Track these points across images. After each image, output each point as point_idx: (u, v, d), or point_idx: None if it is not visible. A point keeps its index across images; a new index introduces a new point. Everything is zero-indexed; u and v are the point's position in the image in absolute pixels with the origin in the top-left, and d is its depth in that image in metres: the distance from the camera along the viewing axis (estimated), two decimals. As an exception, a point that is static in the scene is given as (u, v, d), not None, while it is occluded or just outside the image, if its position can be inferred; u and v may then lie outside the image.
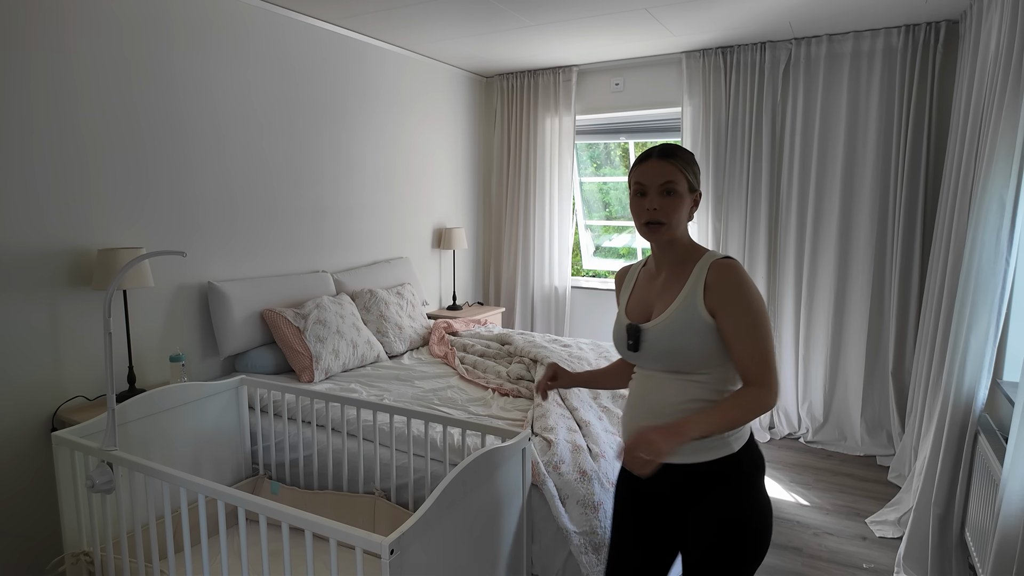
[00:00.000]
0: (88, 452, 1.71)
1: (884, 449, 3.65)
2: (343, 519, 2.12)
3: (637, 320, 1.44)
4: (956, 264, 2.71)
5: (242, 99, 3.06)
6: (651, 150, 1.40)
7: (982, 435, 2.23)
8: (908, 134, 3.47)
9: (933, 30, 3.40)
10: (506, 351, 3.29)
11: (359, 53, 3.72)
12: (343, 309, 3.19)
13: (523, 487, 1.86)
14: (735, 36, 3.73)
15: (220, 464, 2.24)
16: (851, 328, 3.76)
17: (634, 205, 1.40)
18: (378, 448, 2.21)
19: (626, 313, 1.49)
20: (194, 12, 2.81)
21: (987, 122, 2.44)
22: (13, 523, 2.32)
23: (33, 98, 2.29)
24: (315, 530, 1.33)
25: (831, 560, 2.60)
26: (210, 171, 2.94)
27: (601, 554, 1.86)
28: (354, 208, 3.78)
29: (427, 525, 1.37)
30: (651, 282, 1.47)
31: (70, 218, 2.42)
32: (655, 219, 1.36)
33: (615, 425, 2.39)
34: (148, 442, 1.99)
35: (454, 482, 1.46)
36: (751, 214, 3.98)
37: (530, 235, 4.80)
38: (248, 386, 2.37)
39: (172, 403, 2.06)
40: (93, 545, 1.79)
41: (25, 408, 2.33)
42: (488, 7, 3.18)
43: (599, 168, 5.14)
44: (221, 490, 1.46)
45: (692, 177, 1.39)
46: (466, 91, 4.75)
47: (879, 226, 3.63)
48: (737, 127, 3.98)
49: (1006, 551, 1.75)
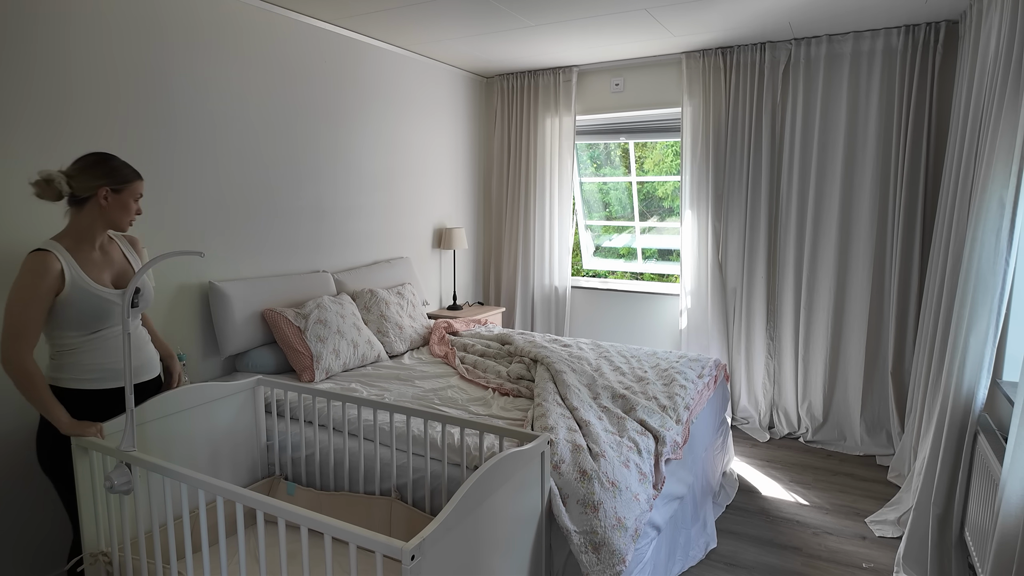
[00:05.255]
0: (107, 453, 1.71)
1: (884, 449, 3.65)
2: (359, 521, 2.12)
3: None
4: (956, 264, 2.71)
5: (242, 99, 3.06)
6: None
7: (982, 435, 2.23)
8: (908, 134, 3.48)
9: (933, 30, 3.40)
10: (506, 351, 3.30)
11: (359, 53, 3.72)
12: (344, 309, 3.19)
13: (542, 491, 1.86)
14: (735, 36, 3.73)
15: (237, 464, 2.24)
16: (851, 328, 3.77)
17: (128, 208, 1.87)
18: (395, 451, 2.21)
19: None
20: (193, 12, 2.81)
21: (987, 122, 2.44)
22: (13, 523, 2.33)
23: (32, 98, 2.29)
24: (335, 534, 1.33)
25: (831, 560, 2.60)
26: (210, 171, 2.94)
27: (601, 553, 1.87)
28: (354, 208, 3.78)
29: (447, 530, 1.37)
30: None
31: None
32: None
33: (615, 425, 2.39)
34: (165, 443, 1.99)
35: (474, 487, 1.46)
36: (751, 214, 3.98)
37: (530, 235, 4.80)
38: (264, 387, 2.37)
39: (189, 404, 2.06)
40: (111, 545, 1.79)
41: (26, 408, 2.33)
42: (488, 7, 3.18)
43: (599, 168, 5.14)
44: (241, 492, 1.47)
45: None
46: (466, 91, 4.75)
47: (879, 226, 3.64)
48: (737, 127, 3.98)
49: (1006, 551, 1.76)
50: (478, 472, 1.50)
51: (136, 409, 1.84)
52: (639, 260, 5.00)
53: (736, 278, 4.09)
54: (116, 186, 1.81)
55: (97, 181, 1.78)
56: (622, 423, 2.40)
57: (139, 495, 1.71)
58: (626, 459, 2.15)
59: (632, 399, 2.58)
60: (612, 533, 1.88)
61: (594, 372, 2.96)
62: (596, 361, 3.16)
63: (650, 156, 5.34)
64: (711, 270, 4.12)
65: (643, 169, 5.30)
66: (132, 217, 1.88)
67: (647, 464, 2.22)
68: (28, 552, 2.36)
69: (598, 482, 1.97)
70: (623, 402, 2.59)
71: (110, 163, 1.82)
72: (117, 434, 1.82)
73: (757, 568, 2.54)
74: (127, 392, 1.66)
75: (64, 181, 1.74)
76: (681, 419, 2.56)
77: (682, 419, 2.57)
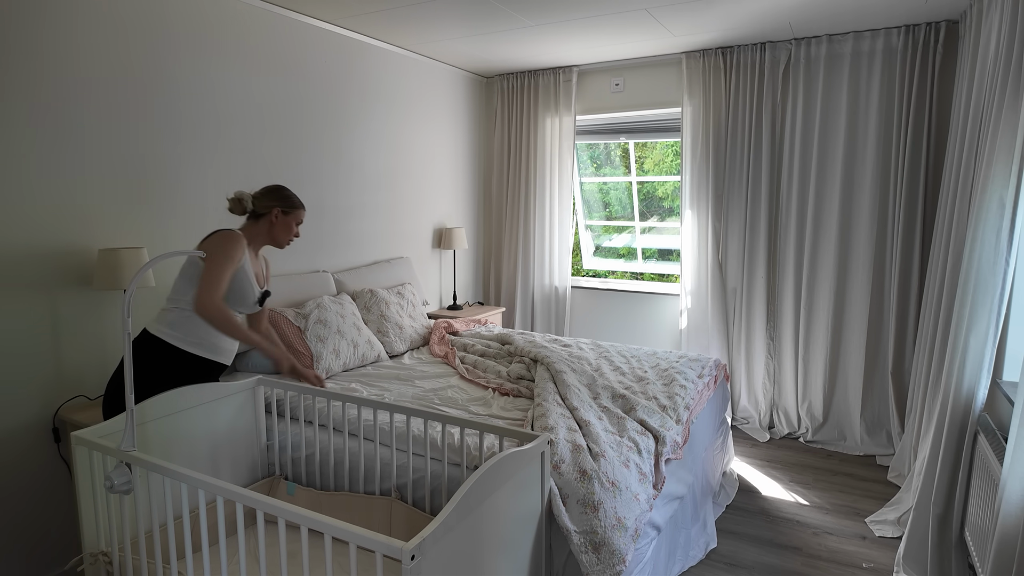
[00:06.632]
0: (107, 452, 1.71)
1: (884, 449, 3.65)
2: (359, 521, 2.12)
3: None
4: (956, 264, 2.71)
5: (242, 98, 3.06)
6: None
7: (982, 435, 2.23)
8: (908, 134, 3.48)
9: (933, 30, 3.40)
10: (506, 351, 3.30)
11: (359, 53, 3.72)
12: (344, 309, 3.19)
13: (542, 491, 1.86)
14: (735, 36, 3.73)
15: (237, 464, 2.24)
16: (851, 328, 3.77)
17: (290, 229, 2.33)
18: (395, 450, 2.21)
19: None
20: (194, 12, 2.81)
21: (987, 122, 2.44)
22: (14, 523, 2.33)
23: (34, 98, 2.29)
24: (335, 534, 1.33)
25: (831, 560, 2.60)
26: (210, 171, 2.94)
27: (601, 553, 1.87)
28: (355, 208, 3.78)
29: (447, 530, 1.37)
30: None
31: (71, 218, 2.43)
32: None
33: (615, 425, 2.39)
34: (166, 442, 1.99)
35: (474, 487, 1.46)
36: (751, 214, 3.99)
37: (530, 235, 4.80)
38: (265, 386, 2.37)
39: (189, 403, 2.06)
40: (111, 545, 1.79)
41: (26, 408, 2.33)
42: (488, 7, 3.18)
43: (599, 168, 5.14)
44: (241, 492, 1.46)
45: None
46: (466, 91, 4.75)
47: (879, 226, 3.64)
48: (737, 127, 3.98)
49: (1006, 551, 1.76)
50: (478, 472, 1.50)
51: (136, 409, 1.84)
52: (639, 260, 5.00)
53: (736, 278, 4.09)
54: (286, 209, 2.29)
55: (273, 203, 2.27)
56: (622, 423, 2.40)
57: (139, 495, 1.70)
58: (626, 459, 2.15)
59: (632, 399, 2.58)
60: (612, 533, 1.88)
61: (594, 372, 2.96)
62: (596, 361, 3.16)
63: (650, 156, 5.34)
64: (711, 270, 4.13)
65: (643, 169, 5.30)
66: (291, 238, 2.33)
67: (647, 464, 2.22)
68: (29, 552, 2.36)
69: (598, 482, 1.97)
70: (623, 402, 2.59)
71: (284, 192, 2.31)
72: (117, 434, 1.82)
73: (757, 568, 2.54)
74: (127, 392, 1.66)
75: (250, 200, 2.25)
76: (681, 419, 2.56)
77: (682, 419, 2.57)
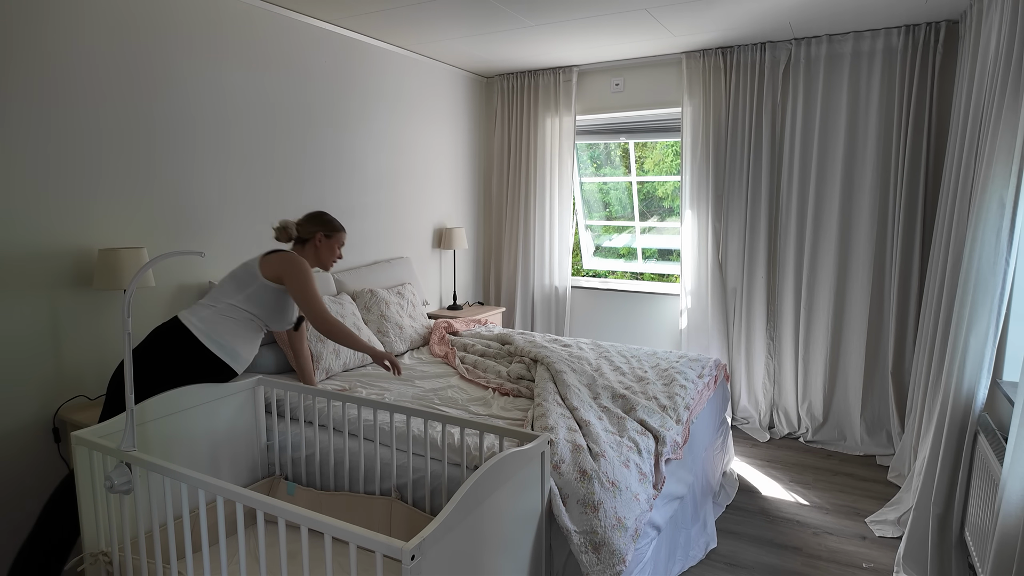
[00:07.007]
0: (107, 452, 1.71)
1: (884, 449, 3.65)
2: (359, 521, 2.12)
3: None
4: (956, 264, 2.71)
5: (242, 98, 3.06)
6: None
7: (982, 435, 2.23)
8: (908, 134, 3.48)
9: (933, 30, 3.40)
10: (506, 351, 3.30)
11: (359, 53, 3.72)
12: (343, 309, 3.19)
13: (542, 491, 1.86)
14: (735, 36, 3.73)
15: (237, 464, 2.25)
16: (851, 328, 3.77)
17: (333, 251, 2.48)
18: (395, 450, 2.21)
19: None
20: (195, 12, 2.81)
21: (987, 122, 2.44)
22: (14, 522, 2.33)
23: (35, 97, 2.29)
24: (335, 534, 1.33)
25: (831, 560, 2.60)
26: (211, 170, 2.94)
27: (601, 553, 1.87)
28: (355, 208, 3.78)
29: (447, 530, 1.37)
30: None
31: (70, 218, 2.43)
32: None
33: (615, 425, 2.39)
34: (166, 442, 1.99)
35: (474, 487, 1.46)
36: (751, 214, 3.99)
37: (530, 235, 4.80)
38: (265, 386, 2.38)
39: (189, 403, 2.06)
40: (111, 545, 1.79)
41: (26, 408, 2.33)
42: (488, 7, 3.18)
43: (599, 168, 5.14)
44: (241, 492, 1.47)
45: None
46: (466, 91, 4.75)
47: (879, 226, 3.64)
48: (737, 127, 3.98)
49: (1006, 551, 1.76)
50: (478, 472, 1.50)
51: (136, 409, 1.84)
52: (639, 260, 5.00)
53: (736, 278, 4.09)
54: (328, 233, 2.43)
55: (316, 228, 2.41)
56: (622, 423, 2.40)
57: (139, 495, 1.70)
58: (626, 459, 2.15)
59: (632, 399, 2.58)
60: (612, 533, 1.88)
61: (594, 372, 2.96)
62: (596, 361, 3.16)
63: (650, 156, 5.34)
64: (711, 270, 4.13)
65: (643, 169, 5.30)
66: (335, 259, 2.48)
67: (647, 464, 2.22)
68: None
69: (598, 482, 1.97)
70: (623, 402, 2.59)
71: (325, 217, 2.45)
72: (117, 434, 1.82)
73: (757, 568, 2.54)
74: (127, 392, 1.67)
75: (294, 227, 2.39)
76: (681, 419, 2.56)
77: (682, 419, 2.57)
